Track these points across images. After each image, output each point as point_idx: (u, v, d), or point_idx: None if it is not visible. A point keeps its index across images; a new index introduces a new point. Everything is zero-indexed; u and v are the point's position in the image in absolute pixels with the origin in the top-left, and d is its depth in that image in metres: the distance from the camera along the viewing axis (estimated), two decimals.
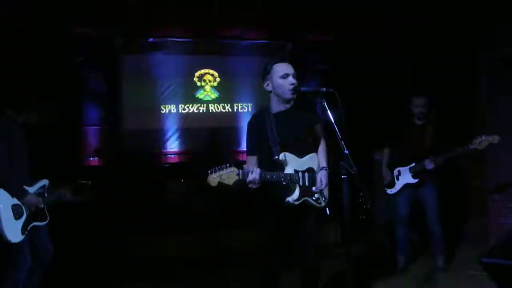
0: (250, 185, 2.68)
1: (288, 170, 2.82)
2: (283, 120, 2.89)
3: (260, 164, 2.87)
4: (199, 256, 5.30)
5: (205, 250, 5.30)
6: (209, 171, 2.61)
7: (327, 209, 2.91)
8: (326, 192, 2.96)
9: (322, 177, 2.87)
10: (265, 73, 2.93)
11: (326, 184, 2.88)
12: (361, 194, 5.86)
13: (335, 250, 4.86)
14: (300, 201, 2.82)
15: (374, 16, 6.64)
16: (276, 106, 2.94)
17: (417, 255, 5.04)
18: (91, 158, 7.26)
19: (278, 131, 2.86)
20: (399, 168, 4.58)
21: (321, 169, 2.94)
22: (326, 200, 2.93)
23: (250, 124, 3.01)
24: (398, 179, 4.59)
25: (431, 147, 4.41)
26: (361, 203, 6.64)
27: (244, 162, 2.91)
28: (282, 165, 2.82)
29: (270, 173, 2.73)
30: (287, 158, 2.82)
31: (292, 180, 2.80)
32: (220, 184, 2.63)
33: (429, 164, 4.29)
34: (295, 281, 3.03)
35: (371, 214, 2.73)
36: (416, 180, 4.44)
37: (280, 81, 2.84)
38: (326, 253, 4.82)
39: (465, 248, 5.34)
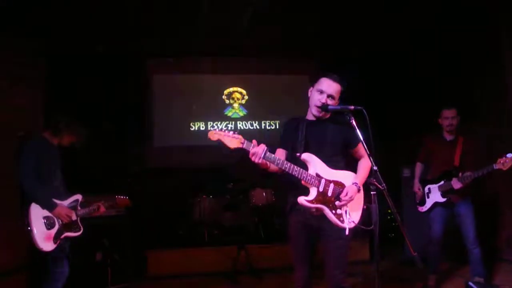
0: (252, 157, 2.67)
1: (310, 171, 2.78)
2: (315, 128, 2.92)
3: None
4: (226, 271, 5.32)
5: (232, 265, 5.32)
6: (213, 128, 2.63)
7: (347, 229, 2.76)
8: (356, 215, 2.85)
9: (349, 190, 2.77)
10: (314, 81, 2.98)
11: (350, 198, 2.75)
12: (390, 211, 5.82)
13: (363, 268, 4.81)
14: (314, 205, 2.74)
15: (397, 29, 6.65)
16: (309, 115, 2.99)
17: (450, 273, 4.94)
18: (122, 174, 7.40)
19: (308, 135, 2.88)
20: (429, 186, 4.53)
21: (352, 184, 2.85)
22: (354, 223, 2.80)
23: (285, 123, 3.10)
24: (428, 196, 4.53)
25: (460, 163, 4.33)
26: (390, 220, 6.58)
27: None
28: (305, 164, 2.81)
29: (281, 159, 2.71)
30: (310, 159, 2.79)
31: (311, 182, 2.73)
32: (219, 140, 2.66)
33: (456, 184, 4.23)
34: None
35: (400, 231, 2.67)
36: (444, 199, 4.37)
37: (315, 94, 2.90)
38: (354, 270, 4.83)
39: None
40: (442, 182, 4.39)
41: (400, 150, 6.62)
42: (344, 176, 2.89)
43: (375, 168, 2.57)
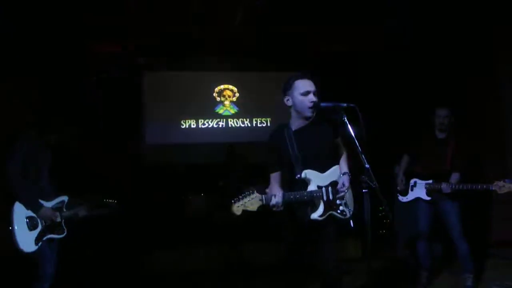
0: (274, 209, 2.70)
1: (311, 187, 2.82)
2: (303, 137, 2.88)
3: (282, 182, 2.89)
4: (220, 269, 5.31)
5: (226, 263, 5.30)
6: (233, 201, 2.63)
7: (351, 221, 2.87)
8: (351, 203, 2.94)
9: (344, 180, 2.86)
10: (286, 88, 2.91)
11: (348, 187, 2.85)
12: (381, 208, 5.83)
13: (355, 265, 4.80)
14: (325, 216, 2.80)
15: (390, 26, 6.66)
16: (296, 122, 2.93)
17: (442, 270, 4.96)
18: (113, 173, 7.36)
19: (299, 148, 2.84)
20: (415, 180, 4.49)
21: (343, 174, 2.92)
22: (351, 211, 2.91)
23: (270, 141, 2.98)
24: (412, 189, 4.51)
25: (452, 165, 4.31)
26: (381, 217, 6.59)
27: (264, 184, 2.91)
28: (304, 182, 2.83)
29: (293, 194, 2.74)
30: (309, 176, 2.82)
31: (315, 196, 2.79)
32: (245, 211, 2.66)
33: (446, 189, 4.19)
34: None
35: (392, 228, 2.68)
36: (428, 198, 4.35)
37: (300, 97, 2.83)
38: (346, 268, 4.83)
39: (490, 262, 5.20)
40: (430, 181, 4.36)
41: (392, 148, 6.63)
42: (334, 174, 2.93)
43: (367, 166, 2.56)
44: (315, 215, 2.78)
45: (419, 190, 4.45)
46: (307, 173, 2.82)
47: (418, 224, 4.48)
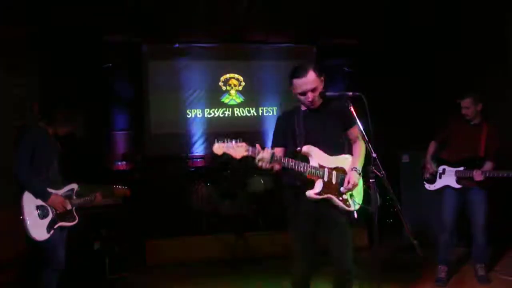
0: (259, 163, 2.59)
1: (313, 163, 2.76)
2: (312, 118, 2.87)
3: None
4: (224, 259, 5.32)
5: (230, 253, 5.31)
6: (216, 140, 2.55)
7: (354, 212, 2.83)
8: (359, 196, 2.87)
9: (350, 177, 2.78)
10: (289, 84, 2.88)
11: (353, 185, 2.77)
12: (388, 197, 5.81)
13: (362, 254, 4.77)
14: (323, 197, 2.74)
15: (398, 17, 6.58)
16: (305, 107, 2.93)
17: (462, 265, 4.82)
18: (119, 163, 7.40)
19: (306, 127, 2.83)
20: (445, 167, 4.30)
21: (351, 169, 2.84)
22: (358, 204, 2.84)
23: (278, 118, 3.02)
24: (440, 177, 4.31)
25: (486, 152, 4.12)
26: (388, 206, 6.56)
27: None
28: (306, 157, 2.77)
29: (287, 159, 2.68)
30: (311, 151, 2.76)
31: (315, 173, 2.72)
32: (226, 154, 2.56)
33: (478, 176, 3.99)
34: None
35: (399, 217, 2.64)
36: (459, 186, 4.17)
37: (298, 96, 2.83)
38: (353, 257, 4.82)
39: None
40: (461, 168, 4.15)
41: (399, 136, 6.59)
42: (343, 161, 2.88)
43: (374, 155, 2.53)
44: (310, 192, 2.73)
45: (448, 178, 4.25)
46: (310, 148, 2.76)
47: (443, 213, 4.29)
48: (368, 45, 7.43)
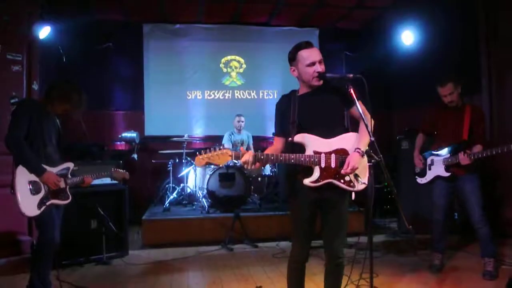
0: (245, 166, 2.59)
1: (308, 152, 2.70)
2: (307, 102, 2.79)
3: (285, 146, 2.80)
4: (221, 240, 5.34)
5: (228, 235, 5.33)
6: (198, 153, 2.58)
7: (352, 193, 2.77)
8: (364, 175, 2.77)
9: (350, 160, 2.65)
10: (291, 59, 2.82)
11: (353, 167, 2.63)
12: (386, 183, 5.80)
13: (358, 240, 4.78)
14: (321, 183, 2.68)
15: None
16: (303, 89, 2.85)
17: (457, 252, 4.82)
18: (118, 142, 7.39)
19: (300, 113, 2.77)
20: (433, 157, 4.22)
21: (354, 150, 2.71)
22: (363, 183, 2.74)
23: (276, 105, 2.95)
24: (430, 168, 4.24)
25: (469, 136, 3.99)
26: (386, 192, 6.57)
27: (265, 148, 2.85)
28: (300, 146, 2.72)
29: (274, 155, 2.65)
30: (303, 140, 2.70)
31: (311, 162, 2.67)
32: (209, 163, 2.62)
33: (464, 160, 3.86)
34: (317, 267, 3.01)
35: (396, 203, 2.60)
36: (448, 174, 4.08)
37: (306, 68, 2.74)
38: (349, 242, 4.83)
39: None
40: (447, 156, 4.07)
41: (399, 122, 6.56)
42: (345, 140, 2.77)
43: (372, 139, 2.49)
44: (307, 181, 2.68)
45: (437, 168, 4.17)
46: (304, 137, 2.71)
47: (434, 204, 4.23)
48: (369, 28, 7.35)
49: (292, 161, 2.65)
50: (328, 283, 2.91)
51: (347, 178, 2.70)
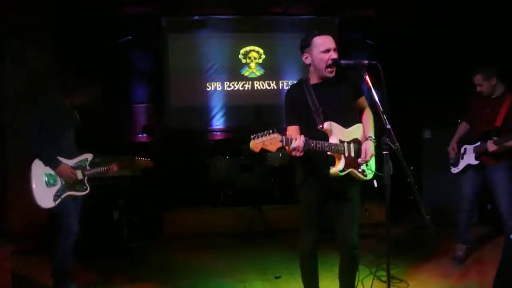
0: (293, 153, 2.49)
1: (333, 140, 2.67)
2: (323, 91, 2.75)
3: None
4: (241, 232, 5.34)
5: (247, 226, 5.33)
6: (252, 137, 2.43)
7: (374, 181, 2.76)
8: (373, 164, 2.81)
9: (367, 148, 2.70)
10: (304, 46, 2.79)
11: (371, 155, 2.70)
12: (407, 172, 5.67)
13: (378, 230, 4.71)
14: (345, 172, 2.67)
15: None
16: (314, 78, 2.80)
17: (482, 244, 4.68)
18: (140, 135, 7.46)
19: (319, 101, 2.72)
20: (466, 146, 4.11)
21: (366, 139, 2.77)
22: (373, 172, 2.79)
23: (286, 95, 2.89)
24: (462, 158, 4.13)
25: (504, 123, 3.84)
26: (409, 182, 6.44)
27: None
28: (326, 134, 2.68)
29: (315, 141, 2.56)
30: (332, 128, 2.67)
31: (337, 150, 2.64)
32: (263, 150, 2.45)
33: (491, 146, 3.76)
34: (335, 258, 2.98)
35: (414, 194, 2.55)
36: (477, 162, 3.96)
37: (320, 55, 2.69)
38: (370, 232, 4.77)
39: None
40: (478, 143, 3.95)
41: (422, 112, 6.41)
42: (357, 131, 2.80)
43: (388, 126, 2.42)
44: (335, 170, 2.65)
45: (468, 156, 4.06)
46: (331, 125, 2.67)
47: (460, 192, 4.14)
48: (391, 18, 7.18)
49: (326, 148, 2.61)
50: (343, 277, 2.89)
51: (362, 168, 2.70)
